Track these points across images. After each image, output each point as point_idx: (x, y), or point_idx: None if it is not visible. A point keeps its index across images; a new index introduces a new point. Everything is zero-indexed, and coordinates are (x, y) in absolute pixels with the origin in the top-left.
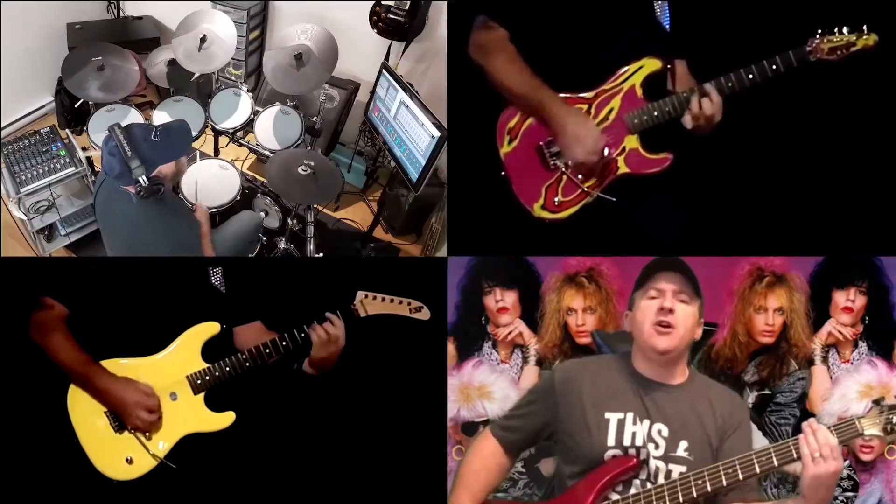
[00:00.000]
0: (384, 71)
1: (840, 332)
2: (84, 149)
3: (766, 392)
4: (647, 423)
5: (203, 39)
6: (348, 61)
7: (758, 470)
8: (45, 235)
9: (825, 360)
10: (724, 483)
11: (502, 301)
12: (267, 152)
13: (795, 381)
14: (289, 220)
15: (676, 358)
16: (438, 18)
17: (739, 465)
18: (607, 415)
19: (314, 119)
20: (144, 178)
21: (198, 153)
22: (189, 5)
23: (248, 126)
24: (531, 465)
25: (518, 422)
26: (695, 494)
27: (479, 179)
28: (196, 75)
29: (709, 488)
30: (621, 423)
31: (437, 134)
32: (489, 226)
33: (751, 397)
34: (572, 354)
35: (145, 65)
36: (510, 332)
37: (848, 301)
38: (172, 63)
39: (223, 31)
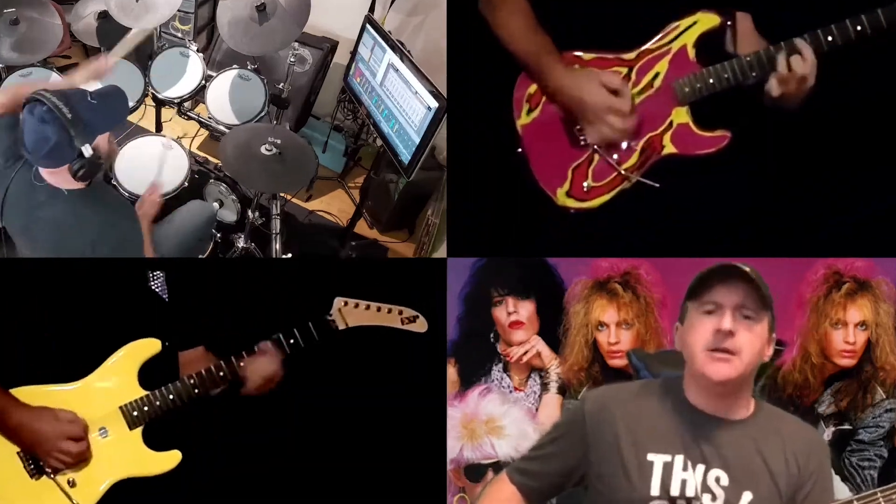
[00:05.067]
0: (368, 26)
1: None
2: None
3: (846, 427)
4: (701, 468)
5: None
6: (323, 13)
7: None
8: None
9: None
10: None
11: (516, 313)
12: (222, 127)
13: (882, 413)
14: (249, 213)
15: (739, 387)
16: None
17: None
18: (651, 457)
19: (281, 86)
20: (89, 147)
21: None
22: None
23: (199, 94)
24: None
25: (540, 465)
26: None
27: (488, 160)
28: (133, 31)
29: None
30: (668, 468)
31: (434, 105)
32: (500, 219)
33: (826, 433)
34: (603, 380)
35: (69, 18)
36: (525, 353)
37: None
38: (103, 16)
39: None
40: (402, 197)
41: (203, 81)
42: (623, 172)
